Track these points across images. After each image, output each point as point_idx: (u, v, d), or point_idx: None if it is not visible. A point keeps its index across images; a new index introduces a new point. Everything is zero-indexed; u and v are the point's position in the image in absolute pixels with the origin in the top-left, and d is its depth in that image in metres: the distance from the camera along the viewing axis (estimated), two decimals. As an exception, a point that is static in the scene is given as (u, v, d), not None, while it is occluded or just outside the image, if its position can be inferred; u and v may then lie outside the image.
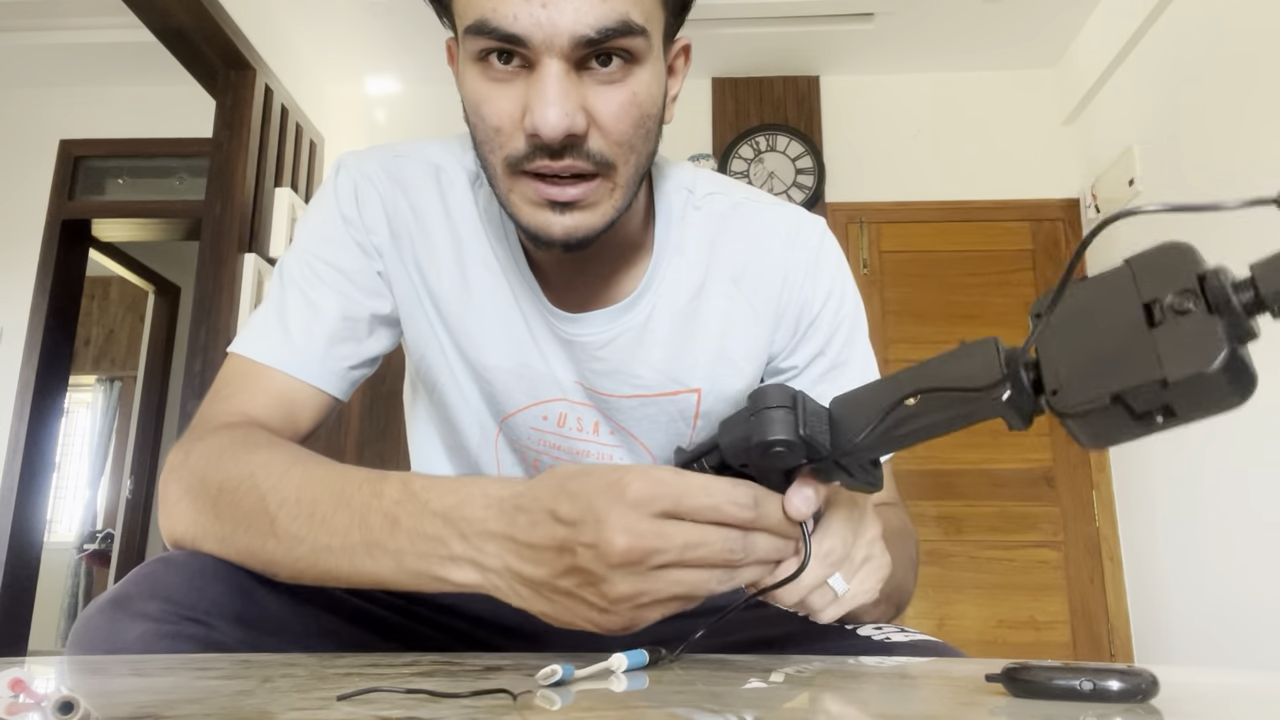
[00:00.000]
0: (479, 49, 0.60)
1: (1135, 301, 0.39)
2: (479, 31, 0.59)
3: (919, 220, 3.35)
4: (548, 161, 0.60)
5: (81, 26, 3.33)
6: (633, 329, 0.74)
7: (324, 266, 0.73)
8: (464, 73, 0.64)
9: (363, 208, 0.74)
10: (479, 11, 0.59)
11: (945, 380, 0.44)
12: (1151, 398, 0.37)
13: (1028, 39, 3.24)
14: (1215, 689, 0.52)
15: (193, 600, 0.57)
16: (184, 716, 0.35)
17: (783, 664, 0.58)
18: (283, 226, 3.11)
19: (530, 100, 0.59)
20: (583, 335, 0.74)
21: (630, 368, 0.74)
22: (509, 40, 0.58)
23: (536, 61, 0.59)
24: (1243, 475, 2.32)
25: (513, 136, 0.61)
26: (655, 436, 0.77)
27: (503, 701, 0.39)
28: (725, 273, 0.75)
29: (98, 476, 5.75)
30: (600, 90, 0.60)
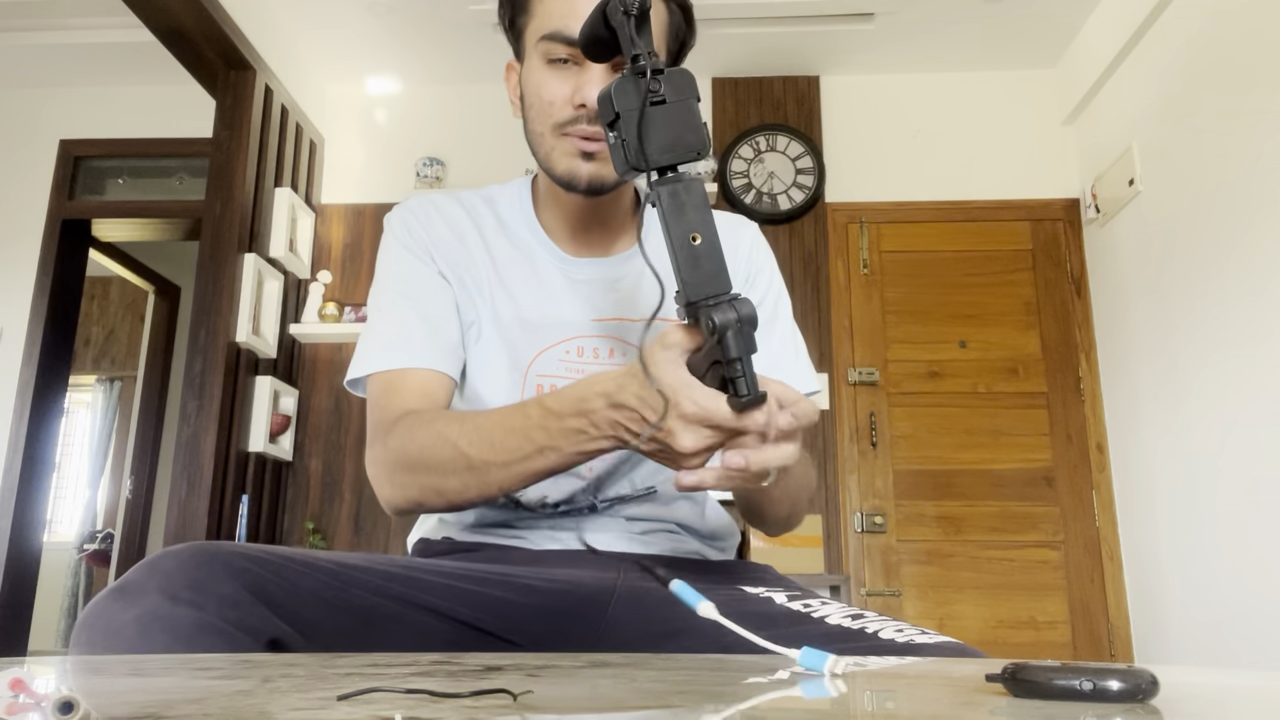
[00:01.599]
0: (550, 51, 0.88)
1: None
2: (553, 38, 0.87)
3: (919, 220, 3.35)
4: (584, 126, 0.87)
5: (81, 26, 3.33)
6: (632, 274, 0.97)
7: (400, 284, 0.95)
8: (530, 69, 0.91)
9: (412, 233, 0.97)
10: (554, 25, 0.87)
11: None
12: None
13: (1028, 39, 3.24)
14: (1215, 689, 0.52)
15: (188, 584, 0.63)
16: (184, 716, 0.35)
17: (784, 663, 0.58)
18: (283, 226, 3.11)
19: (581, 84, 0.87)
20: (597, 275, 0.97)
21: (637, 296, 0.97)
22: (573, 44, 0.85)
23: (584, 62, 0.86)
24: (1243, 475, 2.32)
25: (562, 107, 0.88)
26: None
27: (503, 701, 0.39)
28: None
29: (98, 476, 5.75)
30: None
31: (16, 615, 3.40)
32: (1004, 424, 3.15)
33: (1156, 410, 2.76)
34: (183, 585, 0.62)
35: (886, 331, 3.26)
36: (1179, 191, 2.64)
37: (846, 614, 0.78)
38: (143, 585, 0.63)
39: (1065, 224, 3.31)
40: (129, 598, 0.62)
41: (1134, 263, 2.91)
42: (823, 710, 0.43)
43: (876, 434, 3.17)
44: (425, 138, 3.47)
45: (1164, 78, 2.72)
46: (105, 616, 0.62)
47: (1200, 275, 2.51)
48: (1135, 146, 2.86)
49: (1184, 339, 2.60)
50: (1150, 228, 2.81)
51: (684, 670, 0.53)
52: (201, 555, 0.65)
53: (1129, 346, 2.94)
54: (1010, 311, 3.25)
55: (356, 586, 0.74)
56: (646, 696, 0.44)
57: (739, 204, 3.33)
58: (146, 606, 0.61)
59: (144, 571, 0.64)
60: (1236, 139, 2.36)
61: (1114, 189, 2.99)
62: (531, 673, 0.49)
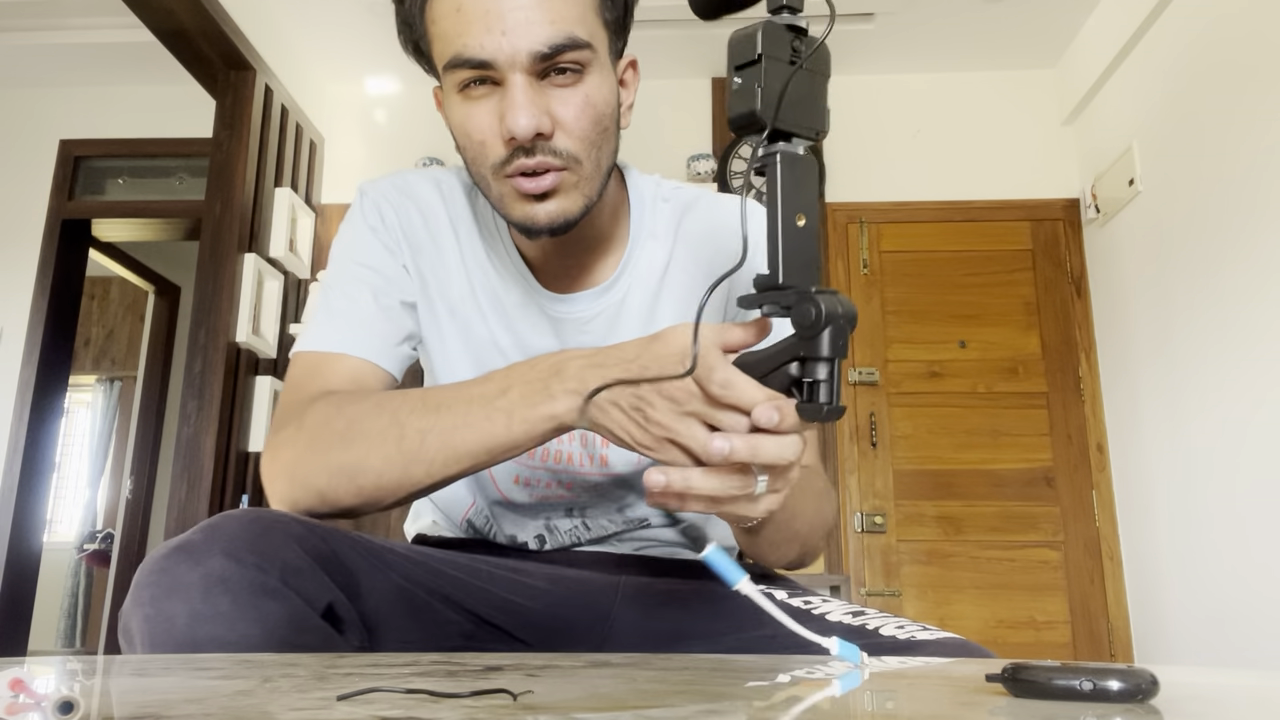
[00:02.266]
0: (459, 80, 0.74)
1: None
2: (455, 65, 0.73)
3: (919, 220, 3.35)
4: (524, 160, 0.73)
5: (81, 26, 3.33)
6: (612, 306, 0.86)
7: (355, 267, 0.86)
8: (449, 105, 0.77)
9: (384, 218, 0.87)
10: (453, 49, 0.72)
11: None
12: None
13: (1028, 39, 3.24)
14: (1215, 689, 0.52)
15: (251, 547, 0.62)
16: (184, 716, 0.35)
17: (784, 663, 0.58)
18: (283, 226, 3.11)
19: (503, 110, 0.72)
20: (570, 313, 0.86)
21: (610, 340, 0.84)
22: (480, 65, 0.71)
23: (504, 79, 0.72)
24: (1243, 475, 2.32)
25: (494, 146, 0.74)
26: None
27: (503, 701, 0.39)
28: (688, 252, 0.88)
29: (98, 476, 5.75)
30: (559, 96, 0.73)
31: (16, 615, 3.40)
32: (1004, 424, 3.15)
33: (1156, 410, 2.76)
34: (246, 548, 0.61)
35: (886, 331, 3.26)
36: (1179, 191, 2.64)
37: (847, 611, 0.77)
38: (207, 545, 0.61)
39: (1065, 224, 3.31)
40: (193, 557, 0.60)
41: (1134, 263, 2.91)
42: (823, 710, 0.43)
43: (876, 434, 3.17)
44: (425, 138, 3.47)
45: (1164, 78, 2.72)
46: (171, 573, 0.60)
47: (1200, 275, 2.51)
48: (1135, 146, 2.86)
49: (1184, 339, 2.60)
50: (1150, 228, 2.81)
51: (685, 670, 0.53)
52: (264, 520, 0.65)
53: (1129, 346, 2.94)
54: (1010, 311, 3.25)
55: (393, 570, 0.74)
56: (646, 696, 0.44)
57: (739, 204, 3.33)
58: (212, 566, 0.60)
59: (206, 533, 0.62)
60: (1237, 139, 2.36)
61: (1114, 189, 2.99)
62: (531, 673, 0.49)
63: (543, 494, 0.89)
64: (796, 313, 0.54)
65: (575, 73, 0.73)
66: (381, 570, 0.73)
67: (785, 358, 0.55)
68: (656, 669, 0.53)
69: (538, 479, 0.88)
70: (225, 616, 0.59)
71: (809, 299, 0.53)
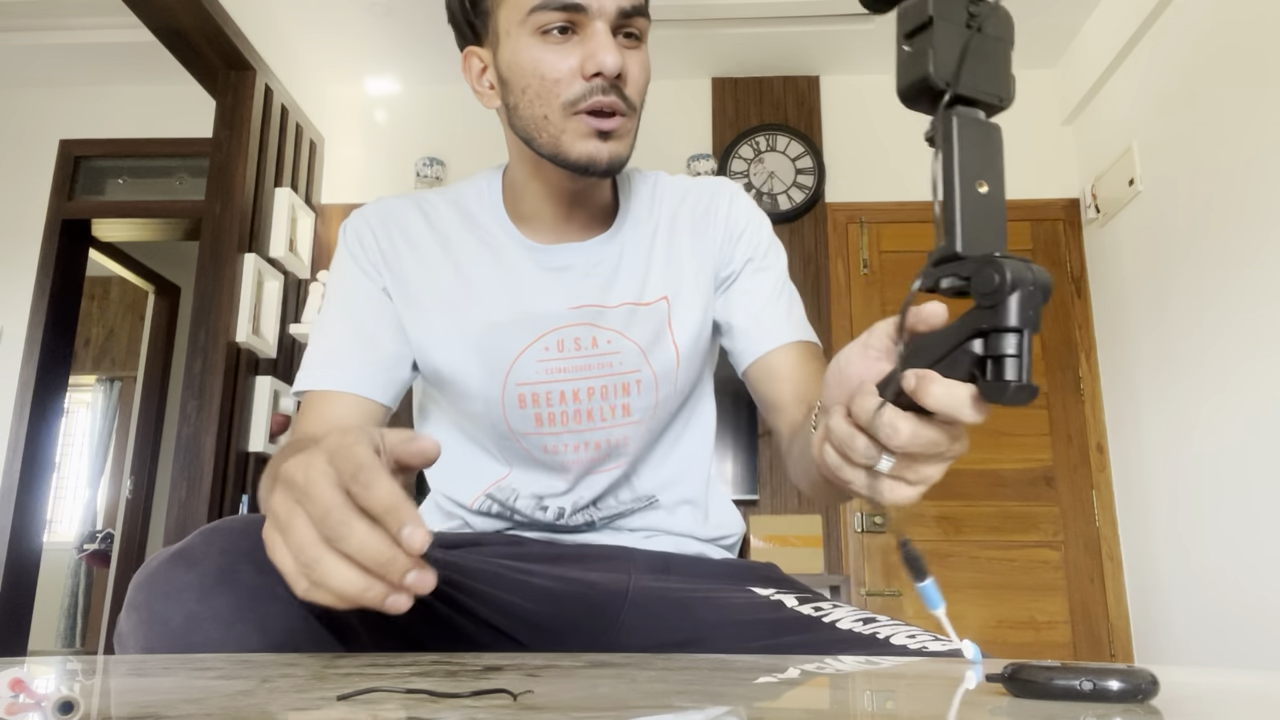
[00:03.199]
0: (541, 23, 0.80)
1: None
2: (545, 7, 0.79)
3: (919, 220, 3.35)
4: (600, 98, 0.79)
5: (81, 26, 3.33)
6: (611, 257, 0.92)
7: (338, 305, 0.91)
8: (520, 48, 0.81)
9: (363, 244, 0.93)
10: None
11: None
12: None
13: (1028, 39, 3.24)
14: (1215, 689, 0.52)
15: (249, 551, 0.60)
16: (184, 716, 0.35)
17: (785, 664, 0.58)
18: (283, 226, 3.11)
19: (593, 50, 0.79)
20: (574, 261, 0.91)
21: (616, 281, 0.91)
22: (570, 9, 0.79)
23: (588, 26, 0.79)
24: (1243, 475, 2.32)
25: (569, 84, 0.80)
26: (643, 336, 0.91)
27: (503, 701, 0.39)
28: (667, 216, 0.96)
29: (98, 476, 5.75)
30: (629, 54, 0.82)
31: (16, 615, 3.40)
32: (1004, 424, 3.15)
33: (1156, 410, 2.76)
34: (244, 552, 0.60)
35: (886, 331, 3.26)
36: (1179, 191, 2.64)
37: (857, 618, 0.77)
38: (205, 549, 0.61)
39: (1065, 224, 3.31)
40: (191, 560, 0.60)
41: (1134, 263, 2.91)
42: (823, 710, 0.43)
43: (876, 434, 3.17)
44: (425, 138, 3.47)
45: (1164, 78, 2.72)
46: (165, 577, 0.59)
47: (1200, 275, 2.51)
48: (1135, 146, 2.86)
49: (1184, 339, 2.60)
50: (1150, 228, 2.81)
51: (685, 670, 0.53)
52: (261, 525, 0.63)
53: (1129, 346, 2.94)
54: (1010, 311, 3.24)
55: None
56: (647, 696, 0.44)
57: (739, 204, 3.33)
58: (209, 568, 0.59)
59: (204, 537, 0.62)
60: (1237, 139, 2.36)
61: (1114, 189, 2.99)
62: (531, 673, 0.49)
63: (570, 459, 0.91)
64: (977, 279, 0.47)
65: (638, 39, 0.84)
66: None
67: (965, 333, 0.48)
68: (657, 669, 0.53)
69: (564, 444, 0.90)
70: (222, 618, 0.59)
71: (990, 263, 0.47)
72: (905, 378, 0.49)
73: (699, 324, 0.92)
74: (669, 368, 0.91)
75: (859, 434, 0.51)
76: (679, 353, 0.91)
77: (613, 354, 0.89)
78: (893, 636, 0.71)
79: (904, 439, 0.49)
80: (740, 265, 0.95)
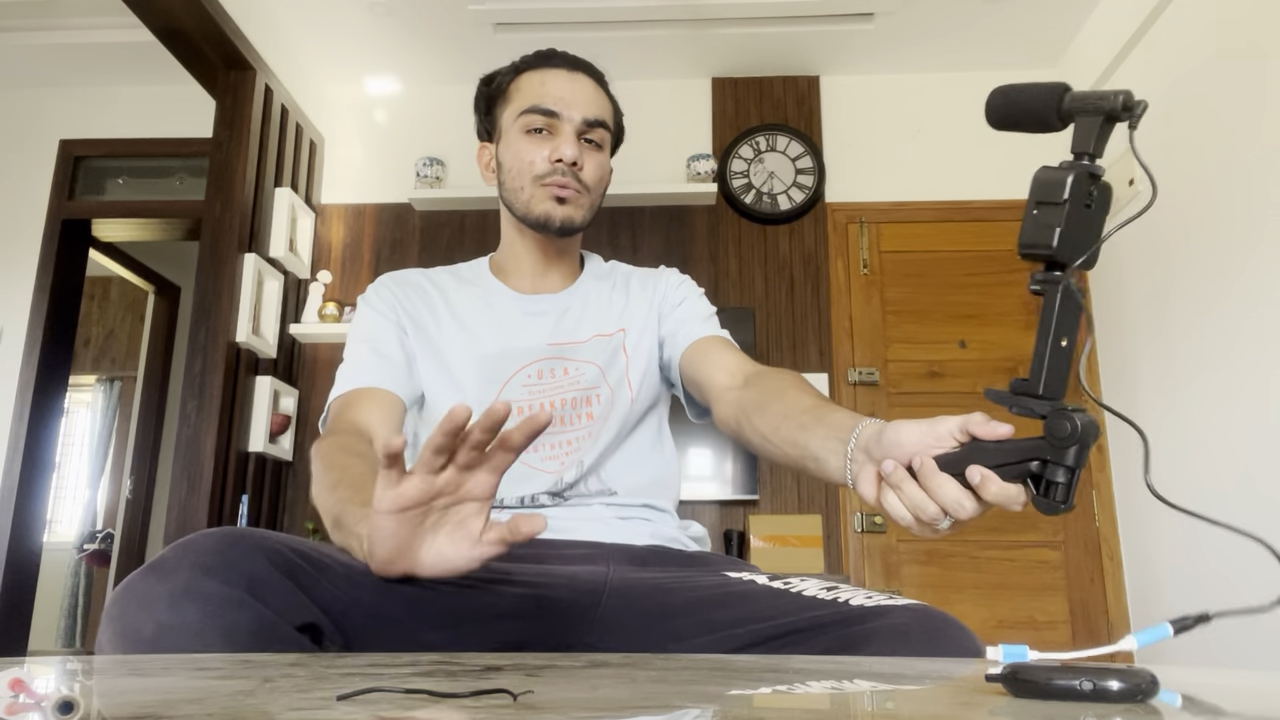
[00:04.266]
0: (528, 123, 1.09)
1: None
2: (532, 110, 1.09)
3: (919, 220, 3.35)
4: (559, 178, 1.08)
5: (81, 26, 3.33)
6: (577, 304, 1.16)
7: (365, 333, 1.12)
8: (510, 141, 1.11)
9: (381, 297, 1.15)
10: (531, 101, 1.09)
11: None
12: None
13: (1028, 39, 3.24)
14: (1215, 689, 0.52)
15: (221, 562, 0.66)
16: (184, 716, 0.35)
17: (785, 664, 0.58)
18: (283, 226, 3.11)
19: (559, 145, 1.08)
20: (550, 307, 1.15)
21: (584, 318, 1.15)
22: (548, 114, 1.09)
23: (560, 129, 1.09)
24: (1243, 475, 2.32)
25: (541, 164, 1.08)
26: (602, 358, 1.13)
27: (503, 701, 0.39)
28: (622, 276, 1.22)
29: (98, 476, 5.74)
30: (587, 153, 1.11)
31: (16, 615, 3.40)
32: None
33: (1156, 410, 2.76)
34: (216, 563, 0.65)
35: (886, 331, 3.26)
36: (1179, 191, 2.64)
37: (822, 587, 0.83)
38: (176, 562, 0.65)
39: (1065, 224, 3.31)
40: (163, 573, 0.64)
41: (1134, 263, 2.91)
42: (823, 710, 0.43)
43: (876, 434, 3.17)
44: (425, 138, 3.47)
45: (1164, 78, 2.72)
46: (139, 590, 0.64)
47: (1200, 275, 2.51)
48: (1135, 146, 2.86)
49: (1184, 338, 2.60)
50: (1150, 228, 2.81)
51: (685, 670, 0.53)
52: (234, 536, 0.68)
53: (1129, 346, 2.94)
54: (1010, 311, 3.25)
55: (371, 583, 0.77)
56: (646, 696, 0.44)
57: (739, 204, 3.33)
58: (179, 580, 0.64)
59: (177, 550, 0.66)
60: (1237, 139, 2.36)
61: (1114, 189, 2.99)
62: (531, 673, 0.49)
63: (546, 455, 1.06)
64: (1053, 424, 0.62)
65: (597, 145, 1.12)
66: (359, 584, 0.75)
67: (1030, 455, 0.64)
68: (657, 669, 0.53)
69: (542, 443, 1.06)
70: (191, 627, 0.62)
71: (1066, 415, 0.62)
72: (971, 472, 0.66)
73: (650, 345, 1.16)
74: (620, 379, 1.12)
75: (931, 502, 0.67)
76: (629, 360, 1.13)
77: (579, 375, 1.11)
78: (852, 599, 0.77)
79: (967, 515, 0.68)
80: (676, 300, 1.20)
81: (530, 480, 1.04)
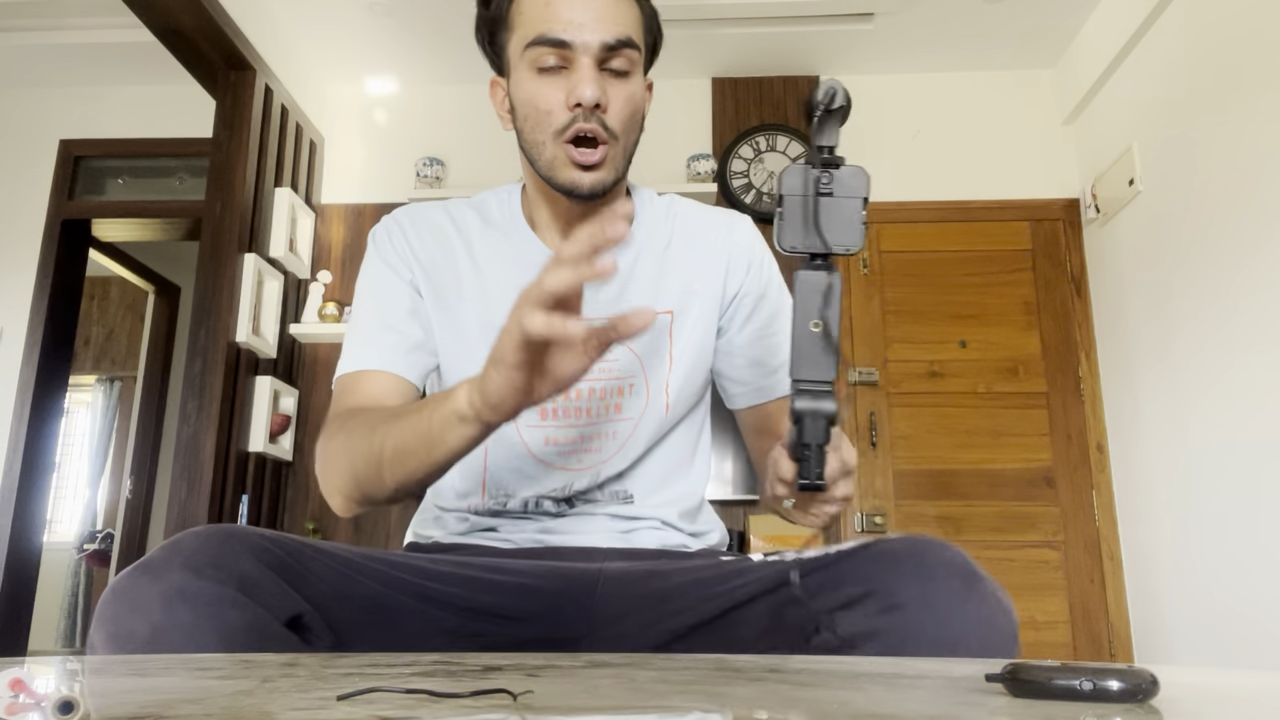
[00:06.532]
0: (536, 57, 0.89)
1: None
2: (538, 43, 0.88)
3: (919, 220, 3.35)
4: (582, 124, 0.88)
5: (81, 26, 3.33)
6: (624, 267, 0.98)
7: (368, 293, 0.99)
8: (521, 81, 0.92)
9: (393, 242, 1.00)
10: (538, 31, 0.88)
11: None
12: None
13: (1028, 39, 3.24)
14: (1215, 689, 0.52)
15: (210, 560, 0.65)
16: (184, 716, 0.35)
17: (785, 663, 0.58)
18: (283, 226, 3.11)
19: (574, 84, 0.87)
20: None
21: (627, 291, 0.98)
22: (559, 45, 0.87)
23: (574, 62, 0.88)
24: (1243, 475, 2.32)
25: (558, 113, 0.89)
26: (642, 346, 0.98)
27: (503, 701, 0.39)
28: (683, 236, 1.03)
29: (98, 476, 5.75)
30: (613, 84, 0.90)
31: (16, 615, 3.40)
32: (1004, 424, 3.15)
33: (1156, 410, 2.76)
34: (206, 562, 0.65)
35: (886, 331, 3.26)
36: (1179, 191, 2.64)
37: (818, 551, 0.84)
38: (167, 562, 0.65)
39: (1065, 224, 3.31)
40: (153, 573, 0.64)
41: (1134, 263, 2.91)
42: (824, 709, 0.43)
43: (876, 434, 3.17)
44: (425, 138, 3.47)
45: (1164, 78, 2.72)
46: (131, 591, 0.63)
47: (1200, 275, 2.51)
48: (1135, 146, 2.86)
49: (1184, 339, 2.60)
50: (1150, 228, 2.81)
51: (685, 670, 0.53)
52: (222, 534, 0.68)
53: (1129, 346, 2.94)
54: (1010, 311, 3.25)
55: (364, 575, 0.78)
56: (647, 696, 0.44)
57: (739, 204, 3.33)
58: (171, 581, 0.63)
59: (167, 550, 0.66)
60: (1236, 139, 2.36)
61: (1114, 189, 2.99)
62: (531, 673, 0.49)
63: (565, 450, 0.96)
64: (792, 404, 0.67)
65: (625, 73, 0.91)
66: (351, 577, 0.76)
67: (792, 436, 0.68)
68: (656, 669, 0.53)
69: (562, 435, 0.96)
70: (185, 628, 0.62)
71: (794, 392, 0.66)
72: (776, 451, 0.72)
73: (699, 343, 0.99)
74: (661, 376, 0.97)
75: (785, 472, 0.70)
76: (672, 363, 0.98)
77: (612, 361, 0.96)
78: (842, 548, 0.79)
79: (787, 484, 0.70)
80: (752, 290, 1.03)
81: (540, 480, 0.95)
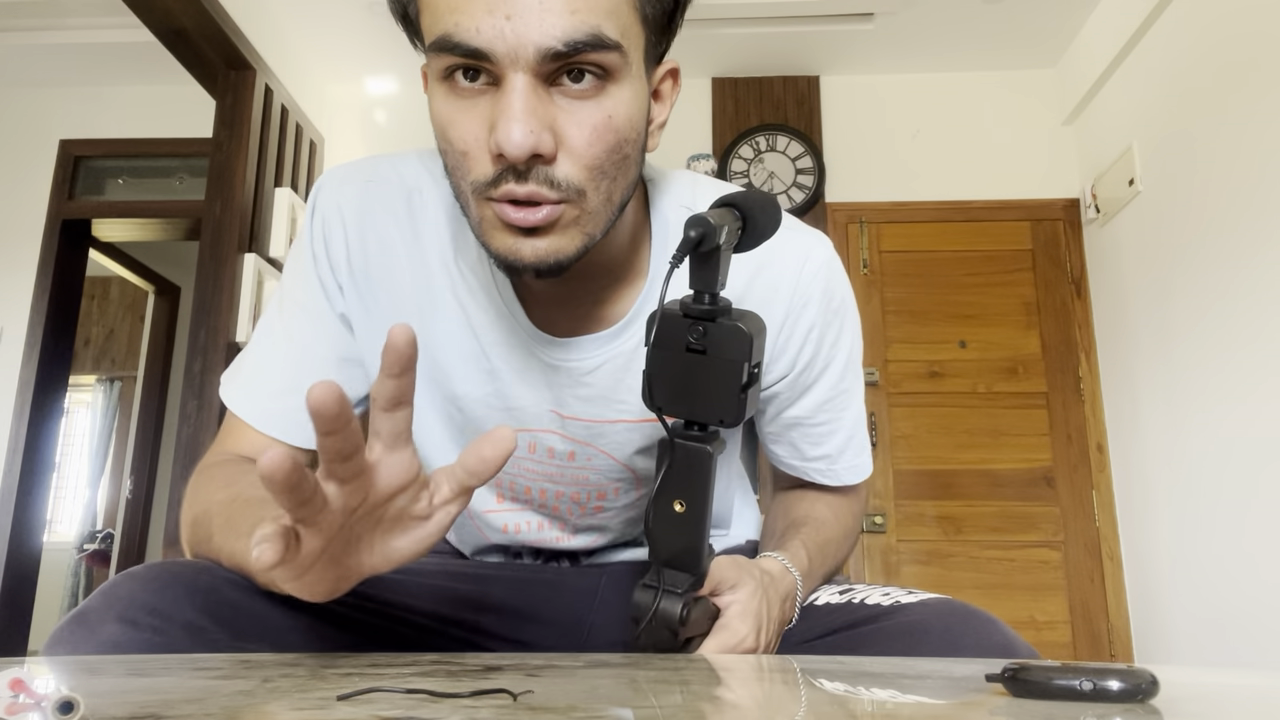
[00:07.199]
0: (444, 66, 0.58)
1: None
2: (442, 48, 0.57)
3: (919, 220, 3.34)
4: (512, 186, 0.57)
5: (81, 26, 3.33)
6: (622, 355, 0.71)
7: (291, 309, 0.75)
8: (432, 95, 0.61)
9: (330, 245, 0.74)
10: (442, 27, 0.56)
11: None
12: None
13: (1028, 39, 3.24)
14: (1215, 689, 0.52)
15: (147, 609, 0.59)
16: (184, 716, 0.35)
17: (785, 663, 0.58)
18: (283, 226, 3.11)
19: (495, 118, 0.56)
20: (569, 361, 0.71)
21: (616, 394, 0.72)
22: (472, 55, 0.56)
23: (502, 77, 0.56)
24: (1243, 475, 2.32)
25: (479, 160, 0.58)
26: (632, 445, 0.76)
27: (503, 701, 0.39)
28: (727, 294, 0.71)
29: (98, 476, 5.75)
30: (572, 108, 0.57)
31: (16, 615, 3.40)
32: (1004, 424, 3.15)
33: (1156, 410, 2.76)
34: (142, 610, 0.59)
35: (886, 331, 3.26)
36: (1179, 191, 2.64)
37: (834, 590, 0.78)
38: (101, 613, 0.58)
39: (1065, 224, 3.31)
40: (88, 626, 0.58)
41: (1134, 263, 2.91)
42: (824, 709, 0.43)
43: (876, 434, 3.17)
44: (425, 138, 3.44)
45: (1164, 78, 2.72)
46: (69, 643, 0.57)
47: (1200, 275, 2.51)
48: (1135, 146, 2.86)
49: (1184, 339, 2.60)
50: (1150, 228, 2.81)
51: (685, 670, 0.53)
52: (164, 578, 0.61)
53: (1129, 346, 2.94)
54: (1010, 311, 3.25)
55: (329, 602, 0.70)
56: (647, 696, 0.44)
57: (739, 204, 3.33)
58: (107, 634, 0.58)
59: (103, 598, 0.59)
60: (1237, 139, 2.36)
61: (1114, 189, 2.99)
62: (531, 673, 0.49)
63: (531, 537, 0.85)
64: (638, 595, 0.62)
65: (597, 80, 0.57)
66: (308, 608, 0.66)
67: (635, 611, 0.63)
68: (656, 669, 0.53)
69: (525, 522, 0.83)
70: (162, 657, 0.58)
71: (641, 585, 0.62)
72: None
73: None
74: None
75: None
76: None
77: (591, 470, 0.76)
78: (868, 598, 0.72)
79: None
80: (800, 389, 0.79)
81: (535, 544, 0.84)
